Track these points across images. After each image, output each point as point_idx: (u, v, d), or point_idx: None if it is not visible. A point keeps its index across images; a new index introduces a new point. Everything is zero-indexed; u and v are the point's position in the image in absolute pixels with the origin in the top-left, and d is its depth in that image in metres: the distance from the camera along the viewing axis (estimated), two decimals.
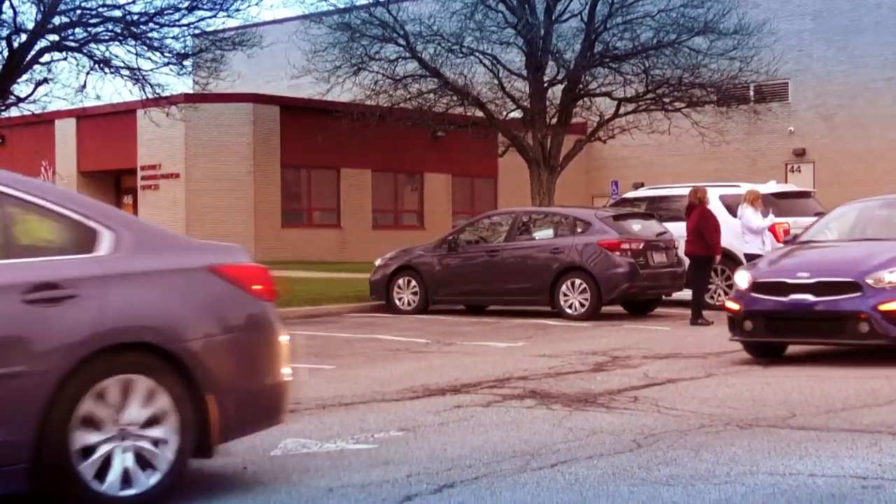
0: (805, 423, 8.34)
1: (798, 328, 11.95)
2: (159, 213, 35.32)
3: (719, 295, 19.48)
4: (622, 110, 32.50)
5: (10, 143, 37.52)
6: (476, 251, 20.15)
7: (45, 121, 34.09)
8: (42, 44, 25.78)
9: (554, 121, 31.95)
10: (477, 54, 31.74)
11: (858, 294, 11.49)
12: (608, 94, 32.23)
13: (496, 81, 31.91)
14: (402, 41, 31.38)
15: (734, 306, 12.36)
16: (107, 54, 26.91)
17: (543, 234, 19.98)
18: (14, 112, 27.94)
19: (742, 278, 12.53)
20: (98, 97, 29.47)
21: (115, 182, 38.98)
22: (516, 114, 32.85)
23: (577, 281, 18.63)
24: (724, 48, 30.91)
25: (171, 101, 29.54)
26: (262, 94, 37.16)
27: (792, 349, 13.05)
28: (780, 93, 40.26)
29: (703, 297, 17.93)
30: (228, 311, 6.37)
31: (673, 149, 39.77)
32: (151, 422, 5.91)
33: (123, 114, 33.53)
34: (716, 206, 19.25)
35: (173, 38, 27.86)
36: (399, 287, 20.41)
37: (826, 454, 7.13)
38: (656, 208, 21.47)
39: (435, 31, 31.35)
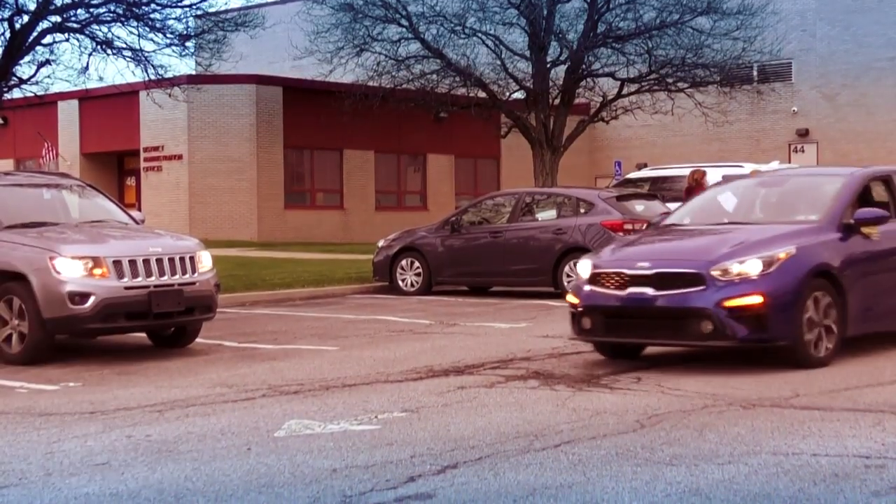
0: (808, 402, 8.35)
1: (637, 327, 10.37)
2: (162, 195, 35.35)
3: None
4: (625, 91, 32.45)
5: (13, 125, 37.53)
6: (479, 232, 20.14)
7: (48, 102, 34.04)
8: (44, 25, 25.69)
9: (557, 101, 31.90)
10: (480, 35, 31.68)
11: (702, 288, 9.96)
12: (611, 75, 32.17)
13: (499, 62, 31.85)
14: (404, 22, 31.32)
15: (573, 300, 10.80)
16: (109, 35, 26.80)
17: (546, 215, 19.96)
18: (16, 94, 27.85)
19: (584, 267, 10.87)
20: (101, 78, 29.27)
21: (118, 163, 38.99)
22: (519, 95, 32.81)
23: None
24: (728, 28, 30.84)
25: (174, 82, 29.48)
26: (264, 76, 37.11)
27: None
28: (784, 73, 40.18)
29: None
30: None
31: (676, 129, 39.71)
32: None
33: (126, 95, 33.47)
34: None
35: (175, 19, 27.75)
36: (402, 268, 20.42)
37: (829, 434, 7.14)
38: (659, 189, 21.46)
39: (437, 11, 31.29)
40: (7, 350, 11.93)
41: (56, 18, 25.80)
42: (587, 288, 10.59)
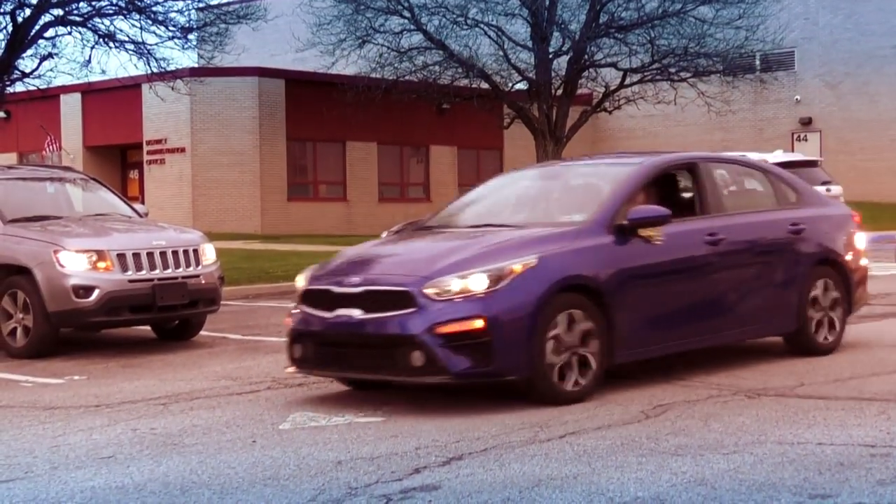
0: (813, 391, 8.34)
1: (344, 358, 8.39)
2: (165, 188, 35.35)
3: None
4: (628, 81, 32.40)
5: (16, 119, 37.51)
6: None
7: (51, 96, 34.02)
8: (46, 18, 25.67)
9: (559, 92, 31.86)
10: (482, 26, 31.63)
11: (412, 310, 7.99)
12: (614, 65, 32.11)
13: (501, 53, 31.81)
14: (406, 13, 31.28)
15: (287, 320, 8.95)
16: (111, 28, 26.78)
17: None
18: (19, 87, 27.85)
19: (300, 280, 9.07)
20: (103, 72, 29.43)
21: (121, 156, 38.98)
22: (521, 85, 32.76)
23: None
24: (730, 17, 30.78)
25: (177, 75, 29.44)
26: (267, 68, 37.08)
27: None
28: (787, 62, 40.11)
29: None
30: None
31: (679, 119, 39.67)
32: None
33: (129, 88, 33.44)
34: None
35: (178, 11, 27.72)
36: None
37: (834, 423, 7.14)
38: None
39: (439, 2, 31.25)
40: (12, 344, 11.95)
41: (58, 12, 25.78)
42: (299, 308, 8.76)
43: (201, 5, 28.87)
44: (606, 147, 42.51)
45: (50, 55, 26.61)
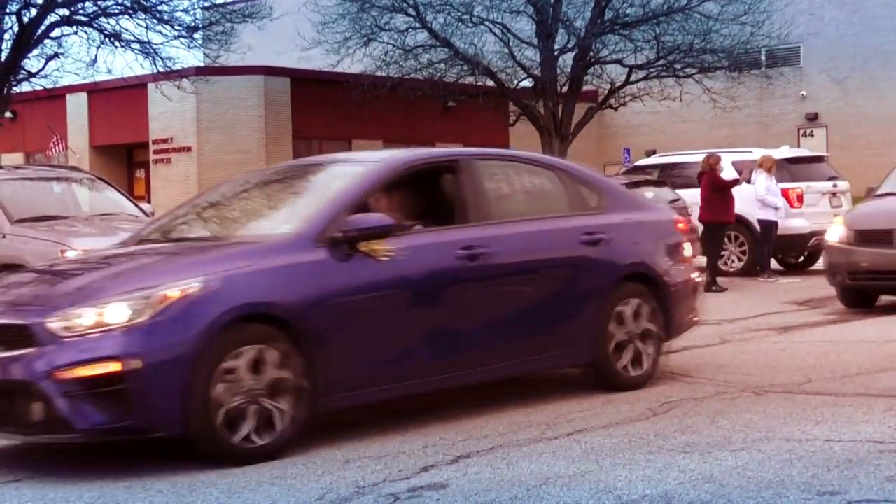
0: (821, 388, 8.33)
1: None
2: (171, 187, 35.37)
3: (733, 262, 19.49)
4: (633, 77, 32.36)
5: (22, 118, 37.53)
6: None
7: (57, 95, 34.08)
8: (52, 18, 25.75)
9: (565, 89, 31.85)
10: (487, 23, 31.62)
11: (34, 349, 6.37)
12: (619, 62, 32.09)
13: (506, 50, 31.79)
14: (411, 11, 31.26)
15: None
16: (117, 28, 26.86)
17: None
18: (25, 87, 27.94)
19: None
20: (109, 71, 29.54)
21: (128, 156, 39.02)
22: (527, 83, 32.74)
23: None
24: (736, 13, 30.73)
25: (182, 74, 29.50)
26: (272, 67, 37.08)
27: (807, 315, 13.03)
28: (792, 57, 40.05)
29: (718, 264, 17.89)
30: None
31: (685, 115, 39.62)
32: None
33: (134, 87, 33.49)
34: (729, 172, 19.18)
35: (183, 10, 27.80)
36: None
37: (842, 419, 7.12)
38: (668, 176, 21.39)
39: (445, 0, 31.22)
40: None
41: (64, 11, 25.84)
42: None
43: (207, 4, 28.95)
44: (612, 144, 42.48)
45: (56, 55, 26.68)
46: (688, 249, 9.29)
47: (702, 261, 18.24)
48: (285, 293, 6.78)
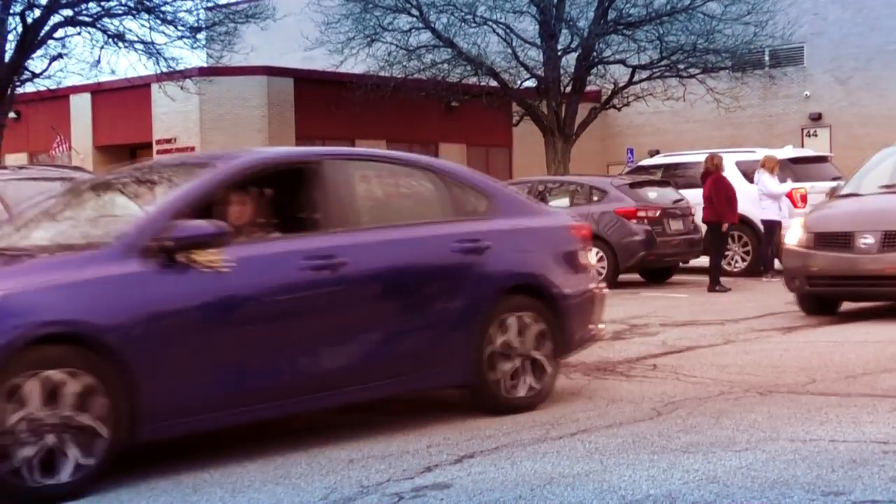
0: (825, 388, 8.32)
1: None
2: None
3: (736, 262, 19.50)
4: (636, 77, 32.35)
5: (26, 119, 37.55)
6: None
7: (61, 96, 34.08)
8: (56, 19, 25.79)
9: (568, 89, 31.83)
10: (490, 23, 31.61)
11: None
12: (622, 62, 32.07)
13: (510, 51, 31.78)
14: (415, 11, 31.26)
15: None
16: (120, 28, 26.91)
17: (559, 203, 19.93)
18: (29, 87, 27.98)
19: None
20: (113, 72, 29.59)
21: (131, 156, 38.95)
22: (530, 83, 32.74)
23: (594, 249, 18.54)
24: (739, 13, 30.70)
25: (186, 74, 29.54)
26: (275, 67, 37.07)
27: (811, 315, 13.02)
28: (796, 57, 40.00)
29: (721, 264, 17.89)
30: None
31: (688, 115, 39.57)
32: None
33: (138, 88, 33.48)
34: (732, 173, 19.20)
35: (186, 11, 27.86)
36: None
37: (847, 420, 7.12)
38: (672, 176, 21.41)
39: (448, 0, 31.22)
40: None
41: (68, 12, 25.88)
42: None
43: (210, 5, 28.98)
44: (616, 144, 42.46)
45: (60, 55, 26.72)
46: (587, 258, 8.58)
47: (705, 260, 18.28)
48: (86, 310, 6.03)
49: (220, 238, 6.56)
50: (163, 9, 27.01)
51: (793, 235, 13.23)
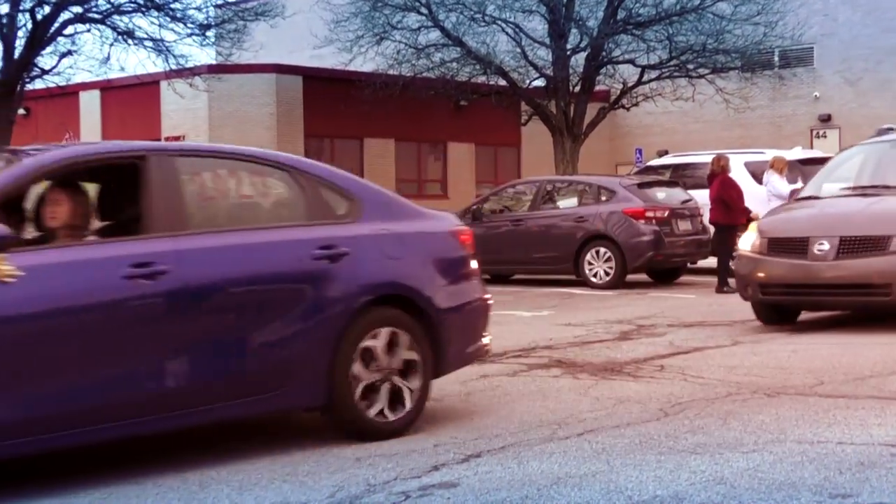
0: (833, 390, 8.31)
1: None
2: None
3: None
4: (646, 77, 32.33)
5: (35, 116, 37.65)
6: (500, 220, 20.13)
7: (70, 93, 34.15)
8: (65, 16, 25.83)
9: (577, 89, 31.82)
10: (499, 23, 31.60)
11: None
12: (631, 62, 32.05)
13: (519, 50, 31.78)
14: (424, 10, 31.26)
15: None
16: (130, 26, 26.94)
17: (568, 203, 19.94)
18: (39, 84, 28.03)
19: None
20: (122, 69, 29.52)
21: None
22: (539, 82, 32.72)
23: (602, 249, 18.60)
24: (749, 13, 30.66)
25: (195, 72, 29.59)
26: (284, 65, 37.11)
27: (819, 317, 13.00)
28: (806, 58, 39.94)
29: (729, 265, 17.86)
30: None
31: (697, 116, 39.54)
32: None
33: (147, 85, 33.57)
34: (741, 174, 19.17)
35: (196, 8, 27.89)
36: None
37: (854, 422, 7.10)
38: (681, 176, 21.40)
39: None
40: None
41: (77, 9, 25.91)
42: None
43: (219, 2, 29.04)
44: (624, 144, 42.43)
45: (69, 52, 26.75)
46: (473, 266, 7.78)
47: (713, 261, 18.26)
48: None
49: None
50: (172, 6, 27.05)
51: (746, 240, 12.54)
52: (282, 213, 7.33)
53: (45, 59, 26.53)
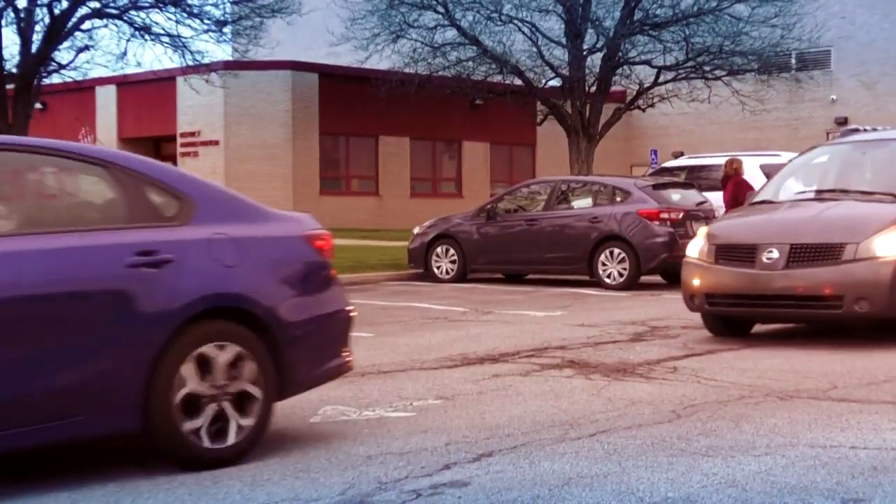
0: (846, 395, 8.28)
1: None
2: None
3: None
4: (662, 78, 32.30)
5: (52, 110, 37.78)
6: (514, 220, 20.12)
7: (86, 88, 34.29)
8: (83, 11, 25.91)
9: (593, 89, 31.81)
10: (516, 22, 31.61)
11: None
12: (648, 63, 32.03)
13: (535, 49, 31.78)
14: (440, 9, 31.29)
15: None
16: (147, 21, 27.01)
17: (582, 203, 19.92)
18: (56, 79, 28.12)
19: None
20: (139, 64, 29.64)
21: (155, 149, 39.17)
22: (555, 82, 32.73)
23: (616, 250, 18.57)
24: (766, 15, 30.62)
25: (211, 68, 29.66)
26: (300, 62, 37.19)
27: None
28: (823, 61, 39.84)
29: None
30: None
31: (713, 117, 39.48)
32: None
33: (163, 81, 33.66)
34: (756, 176, 19.13)
35: (213, 4, 27.93)
36: (437, 255, 20.43)
37: (868, 426, 7.08)
38: (696, 178, 21.37)
39: None
40: None
41: (95, 4, 26.00)
42: None
43: None
44: (640, 145, 42.39)
45: (86, 47, 26.83)
46: (331, 273, 7.03)
47: None
48: None
49: None
50: (189, 2, 27.11)
51: (694, 246, 11.79)
52: (93, 215, 6.46)
53: (63, 54, 26.63)
